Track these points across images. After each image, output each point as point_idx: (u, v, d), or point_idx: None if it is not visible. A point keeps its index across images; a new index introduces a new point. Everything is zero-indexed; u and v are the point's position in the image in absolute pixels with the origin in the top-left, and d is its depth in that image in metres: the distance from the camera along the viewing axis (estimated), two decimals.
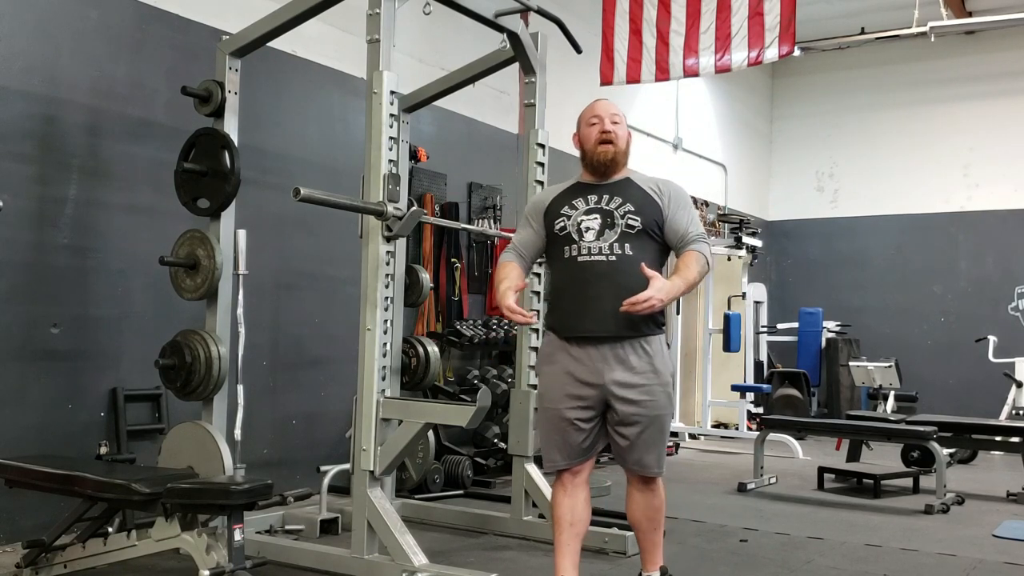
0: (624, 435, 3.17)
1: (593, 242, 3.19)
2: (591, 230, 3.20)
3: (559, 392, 3.19)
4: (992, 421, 7.18)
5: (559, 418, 3.19)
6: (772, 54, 6.76)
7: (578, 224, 3.23)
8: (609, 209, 3.22)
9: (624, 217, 3.19)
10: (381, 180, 3.62)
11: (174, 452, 3.84)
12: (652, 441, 3.19)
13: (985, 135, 10.79)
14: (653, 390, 3.16)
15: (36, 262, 4.13)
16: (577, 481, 3.23)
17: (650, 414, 3.16)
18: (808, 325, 10.51)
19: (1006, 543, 4.74)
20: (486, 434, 6.16)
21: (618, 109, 3.39)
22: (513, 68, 4.82)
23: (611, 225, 3.19)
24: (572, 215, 3.25)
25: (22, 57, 4.09)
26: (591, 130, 3.32)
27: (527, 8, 4.40)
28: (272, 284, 5.23)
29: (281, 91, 5.33)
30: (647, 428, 3.17)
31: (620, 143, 3.31)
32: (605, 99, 3.46)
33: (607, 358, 3.13)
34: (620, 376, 3.13)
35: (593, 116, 3.34)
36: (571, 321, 3.20)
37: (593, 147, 3.30)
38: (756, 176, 11.98)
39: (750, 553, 4.39)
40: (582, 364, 3.16)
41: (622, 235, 3.18)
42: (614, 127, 3.30)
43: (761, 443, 6.42)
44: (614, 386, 3.13)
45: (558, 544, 3.23)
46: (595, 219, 3.22)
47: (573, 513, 3.22)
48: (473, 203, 6.77)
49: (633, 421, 3.15)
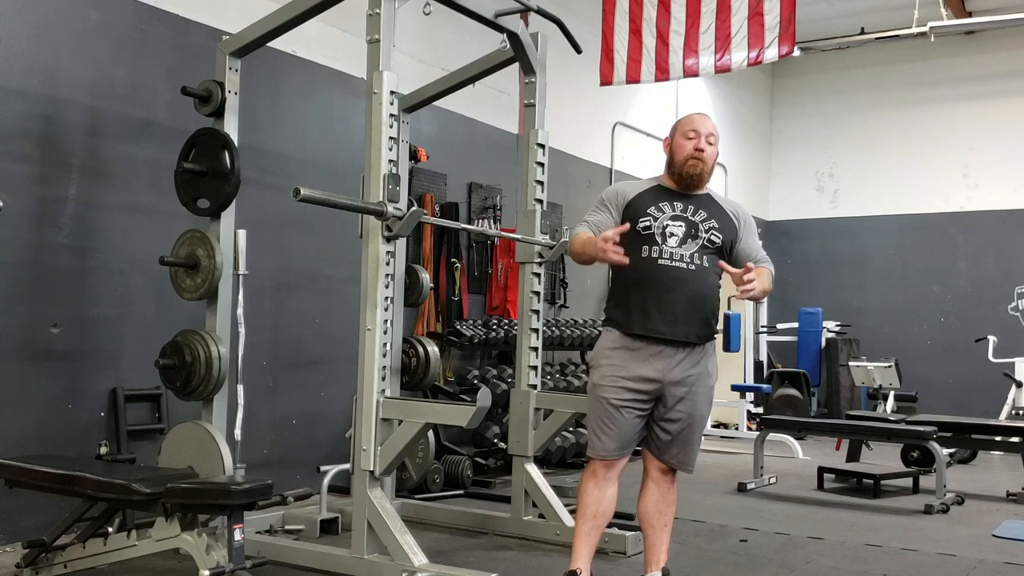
0: (668, 430, 3.32)
1: (676, 248, 3.28)
2: (675, 236, 3.30)
3: (618, 384, 3.28)
4: (992, 421, 7.17)
5: (614, 408, 3.28)
6: (772, 54, 6.76)
7: (663, 227, 3.31)
8: (695, 221, 3.33)
9: (708, 232, 3.32)
10: (381, 180, 3.62)
11: (174, 452, 3.84)
12: (692, 438, 3.36)
13: (985, 135, 10.79)
14: (701, 391, 3.32)
15: (36, 262, 4.13)
16: (610, 475, 3.34)
17: (696, 412, 3.32)
18: (808, 325, 10.52)
19: (1006, 543, 4.74)
20: (486, 434, 6.16)
21: (716, 129, 3.45)
22: (513, 68, 4.82)
23: (694, 236, 3.31)
24: (659, 217, 3.33)
25: (22, 57, 4.09)
26: (687, 143, 3.37)
27: (527, 8, 4.40)
28: (272, 284, 5.23)
29: (281, 91, 5.33)
30: (690, 425, 3.32)
31: (709, 163, 3.39)
32: (706, 115, 3.51)
33: (667, 357, 3.26)
34: (678, 375, 3.27)
35: (691, 130, 3.39)
36: (643, 319, 3.28)
37: (684, 160, 3.36)
38: (756, 176, 11.97)
39: (750, 553, 4.39)
40: (642, 361, 3.26)
41: (702, 248, 3.31)
42: (708, 147, 3.37)
43: (761, 443, 6.42)
44: (671, 385, 3.26)
45: (578, 533, 3.33)
46: (680, 226, 3.31)
47: (599, 505, 3.33)
48: (473, 203, 6.77)
49: (677, 418, 3.30)
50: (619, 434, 3.29)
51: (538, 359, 4.58)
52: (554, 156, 4.74)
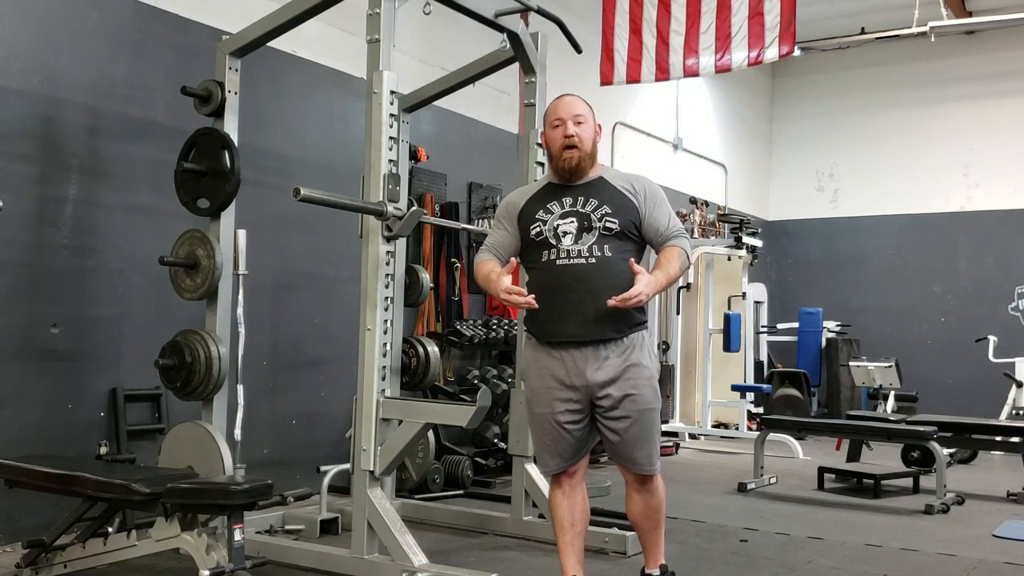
0: (614, 430, 3.16)
1: (572, 246, 3.15)
2: (569, 234, 3.16)
3: (547, 396, 3.18)
4: (992, 421, 7.17)
5: (550, 422, 3.18)
6: (772, 54, 6.76)
7: (555, 228, 3.18)
8: (585, 212, 3.17)
9: (602, 220, 3.15)
10: (381, 180, 3.62)
11: (174, 452, 3.84)
12: (641, 437, 3.17)
13: (985, 135, 10.79)
14: (637, 384, 3.14)
15: (36, 262, 4.13)
16: (573, 481, 3.24)
17: (637, 408, 3.14)
18: (808, 325, 10.52)
19: (1006, 543, 4.73)
20: (486, 434, 6.15)
21: (583, 105, 3.27)
22: (513, 68, 4.82)
23: (588, 228, 3.15)
24: (548, 219, 3.20)
25: (22, 57, 4.09)
26: (555, 133, 3.24)
27: (527, 8, 4.40)
28: (272, 284, 5.23)
29: (281, 91, 5.33)
30: (635, 423, 3.14)
31: (585, 145, 3.22)
32: (569, 95, 3.32)
33: (588, 358, 3.11)
34: (603, 375, 3.11)
35: (556, 119, 3.25)
36: (553, 326, 3.15)
37: (558, 152, 3.23)
38: (756, 176, 11.97)
39: (750, 553, 4.39)
40: (566, 366, 3.14)
41: (600, 237, 3.14)
42: (577, 129, 3.20)
43: (761, 443, 6.42)
44: (598, 387, 3.11)
45: (562, 545, 3.25)
46: (572, 223, 3.17)
47: (573, 514, 3.23)
48: (473, 203, 6.77)
49: (618, 416, 3.13)
50: (559, 448, 3.20)
51: None
52: None
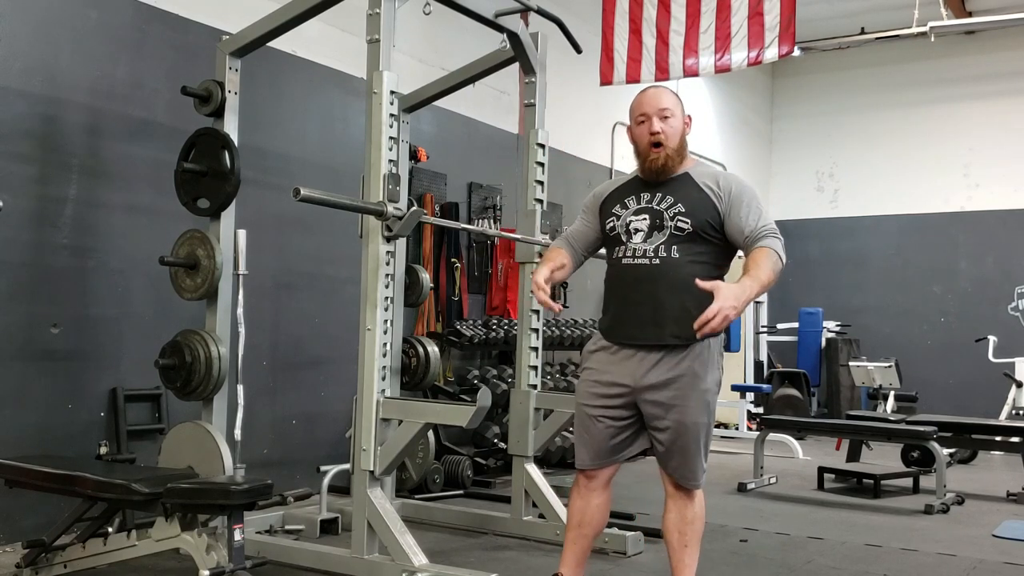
0: (660, 440, 3.05)
1: (640, 244, 3.03)
2: (640, 231, 3.05)
3: (590, 390, 3.12)
4: (992, 421, 7.17)
5: (587, 416, 3.12)
6: (772, 54, 6.76)
7: (627, 224, 3.08)
8: (659, 209, 3.04)
9: (674, 219, 3.01)
10: (381, 180, 3.62)
11: (174, 452, 3.84)
12: (688, 450, 3.03)
13: (985, 135, 10.78)
14: (686, 395, 2.98)
15: (36, 262, 4.13)
16: (592, 485, 3.17)
17: (683, 420, 2.99)
18: (808, 325, 10.52)
19: (1006, 543, 4.74)
20: (486, 434, 6.16)
21: (669, 99, 3.11)
22: (513, 68, 4.82)
23: (660, 227, 3.02)
24: (622, 215, 3.10)
25: (22, 57, 4.09)
26: (640, 129, 3.10)
27: (527, 8, 4.39)
28: (272, 284, 5.23)
29: (281, 91, 5.33)
30: (681, 435, 3.01)
31: (671, 142, 3.06)
32: (656, 87, 3.19)
33: (643, 360, 3.01)
34: (652, 379, 2.99)
35: (641, 114, 3.10)
36: (614, 326, 3.10)
37: (645, 151, 3.09)
38: (756, 176, 11.96)
39: (750, 553, 4.39)
40: (617, 365, 3.07)
41: (671, 237, 3.00)
42: (664, 124, 3.05)
43: (761, 443, 6.42)
44: (645, 390, 3.01)
45: (565, 539, 3.26)
46: (644, 220, 3.05)
47: (583, 515, 3.18)
48: (473, 203, 6.77)
49: (664, 427, 3.01)
50: (592, 444, 3.11)
51: (538, 359, 4.58)
52: (554, 156, 4.74)
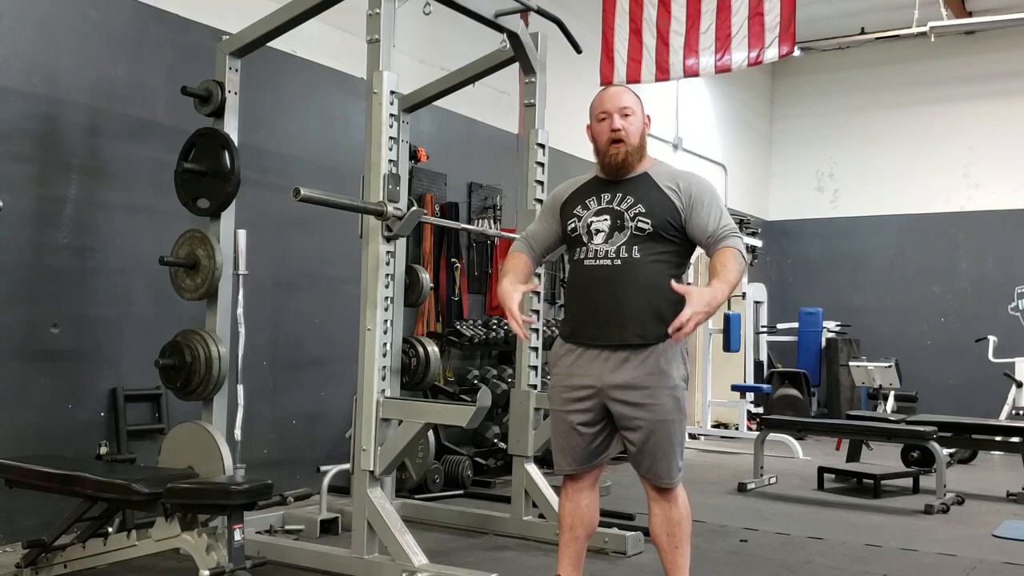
0: (630, 440, 3.02)
1: (601, 245, 3.02)
2: (601, 232, 3.03)
3: (561, 395, 3.11)
4: (992, 421, 7.17)
5: (562, 422, 3.12)
6: (772, 54, 6.76)
7: (588, 225, 3.06)
8: (620, 210, 3.03)
9: (634, 219, 2.99)
10: (381, 180, 3.62)
11: (174, 452, 3.84)
12: (661, 449, 3.00)
13: (985, 135, 10.79)
14: (656, 393, 2.96)
15: (36, 262, 4.13)
16: (579, 487, 3.16)
17: (654, 418, 2.97)
18: (808, 325, 10.52)
19: (1006, 543, 4.74)
20: (486, 434, 6.16)
21: (630, 98, 3.12)
22: (513, 68, 4.82)
23: (620, 227, 3.01)
24: (583, 215, 3.09)
25: (22, 57, 4.09)
26: (601, 126, 3.09)
27: (527, 8, 4.40)
28: (272, 284, 5.23)
29: (281, 91, 5.33)
30: (653, 434, 2.98)
31: (632, 139, 3.06)
32: (617, 87, 3.17)
33: (607, 361, 3.00)
34: (619, 378, 2.97)
35: (601, 111, 3.10)
36: (576, 328, 3.10)
37: (605, 147, 3.08)
38: (756, 176, 11.98)
39: (750, 553, 4.39)
40: (582, 367, 3.06)
41: (631, 238, 2.99)
42: (624, 122, 3.05)
43: (761, 443, 6.42)
44: (612, 389, 2.98)
45: (559, 545, 3.24)
46: (605, 220, 3.04)
47: (573, 518, 3.17)
48: (473, 203, 6.77)
49: (636, 426, 2.98)
50: (570, 451, 3.09)
51: (538, 359, 4.58)
52: (554, 156, 4.73)
